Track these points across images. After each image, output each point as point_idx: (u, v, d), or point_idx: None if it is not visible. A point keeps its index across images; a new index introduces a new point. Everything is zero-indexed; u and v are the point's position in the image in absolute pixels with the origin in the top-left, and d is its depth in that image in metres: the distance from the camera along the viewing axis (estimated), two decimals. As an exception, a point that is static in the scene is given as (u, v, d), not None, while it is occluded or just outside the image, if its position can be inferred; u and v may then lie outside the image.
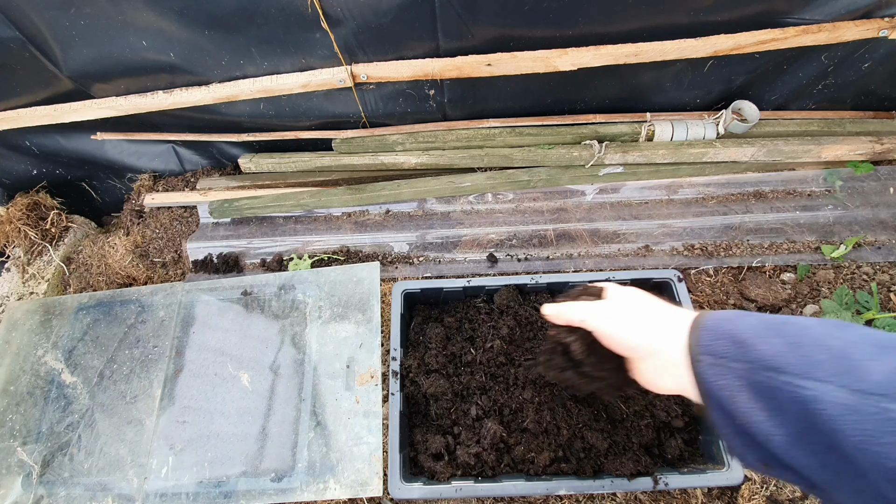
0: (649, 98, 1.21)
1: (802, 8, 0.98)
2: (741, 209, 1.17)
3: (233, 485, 0.91)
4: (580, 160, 1.18)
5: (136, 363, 1.07)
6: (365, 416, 0.94)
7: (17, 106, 1.17)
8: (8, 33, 0.98)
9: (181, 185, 1.40)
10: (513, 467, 0.84)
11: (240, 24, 0.97)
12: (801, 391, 0.42)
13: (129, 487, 0.94)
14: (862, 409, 0.39)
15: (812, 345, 0.45)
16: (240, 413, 0.98)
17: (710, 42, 1.01)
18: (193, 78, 1.11)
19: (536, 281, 0.98)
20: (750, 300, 1.03)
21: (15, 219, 1.31)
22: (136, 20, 0.96)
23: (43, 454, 1.00)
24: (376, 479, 0.88)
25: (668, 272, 0.97)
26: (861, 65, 1.10)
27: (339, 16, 0.95)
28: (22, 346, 1.14)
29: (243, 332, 1.07)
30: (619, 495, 0.88)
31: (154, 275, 1.26)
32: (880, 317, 0.95)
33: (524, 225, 1.19)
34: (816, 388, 0.41)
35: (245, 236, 1.25)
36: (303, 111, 1.20)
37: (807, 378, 0.42)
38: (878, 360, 0.41)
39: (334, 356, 1.01)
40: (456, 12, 0.95)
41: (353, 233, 1.22)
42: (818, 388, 0.41)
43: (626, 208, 1.21)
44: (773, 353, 0.46)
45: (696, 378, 0.51)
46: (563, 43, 1.02)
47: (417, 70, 1.06)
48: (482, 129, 1.22)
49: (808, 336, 0.46)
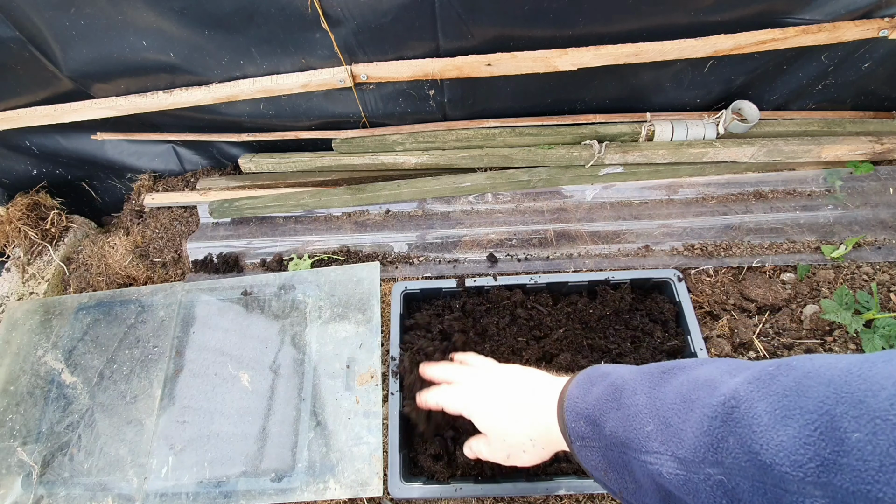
0: (649, 98, 1.21)
1: (802, 8, 0.98)
2: (741, 209, 1.17)
3: (233, 485, 0.91)
4: (580, 160, 1.18)
5: (136, 363, 1.07)
6: (365, 416, 0.94)
7: (17, 106, 1.17)
8: (8, 33, 0.98)
9: (181, 185, 1.40)
10: (513, 467, 0.84)
11: (240, 24, 0.97)
12: (647, 466, 0.42)
13: (129, 487, 0.94)
14: (692, 478, 0.38)
15: (643, 414, 0.44)
16: (240, 413, 0.98)
17: (710, 42, 1.01)
18: (193, 78, 1.11)
19: (536, 281, 0.98)
20: (750, 300, 1.03)
21: (15, 219, 1.31)
22: (136, 20, 0.96)
23: (43, 454, 1.00)
24: (376, 479, 0.88)
25: (667, 272, 0.97)
26: (861, 65, 1.10)
27: (339, 16, 0.95)
28: (22, 346, 1.14)
29: (243, 332, 1.07)
30: (619, 495, 0.88)
31: (154, 275, 1.26)
32: (880, 317, 0.95)
33: (524, 225, 1.19)
34: (656, 461, 0.41)
35: (245, 236, 1.25)
36: (303, 111, 1.20)
37: (645, 452, 0.42)
38: (687, 421, 0.40)
39: (334, 356, 1.01)
40: (456, 12, 0.95)
41: (353, 233, 1.22)
42: (656, 460, 0.41)
43: (626, 208, 1.21)
44: (618, 429, 0.45)
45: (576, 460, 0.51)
46: (563, 43, 1.02)
47: (417, 70, 1.06)
48: (482, 129, 1.22)
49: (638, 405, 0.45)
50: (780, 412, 0.33)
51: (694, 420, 0.39)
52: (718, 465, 0.36)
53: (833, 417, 0.31)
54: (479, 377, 0.69)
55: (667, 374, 0.46)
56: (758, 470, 0.33)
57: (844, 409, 0.31)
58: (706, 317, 1.04)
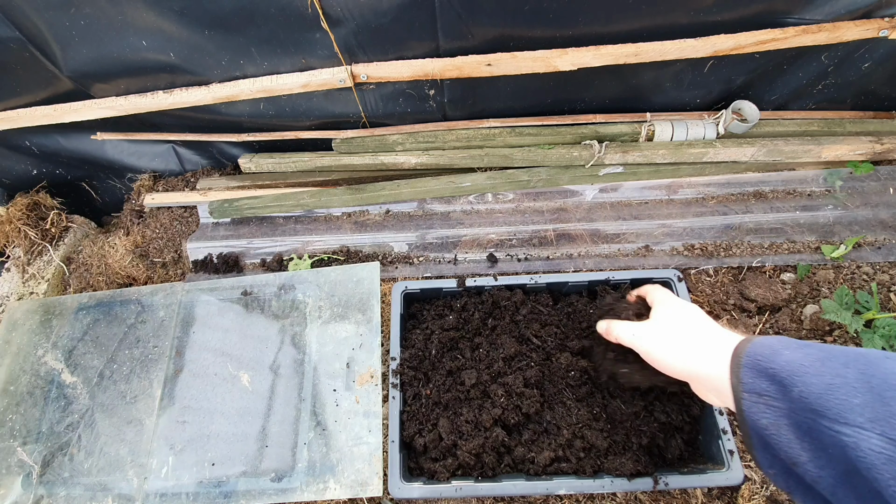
0: (649, 98, 1.21)
1: (802, 8, 0.98)
2: (741, 209, 1.17)
3: (233, 485, 0.91)
4: (580, 160, 1.18)
5: (136, 363, 1.07)
6: (365, 416, 0.94)
7: (17, 106, 1.17)
8: (8, 33, 0.98)
9: (181, 185, 1.40)
10: (513, 467, 0.84)
11: (240, 24, 0.97)
12: (840, 437, 0.41)
13: (129, 487, 0.94)
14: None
15: (849, 386, 0.43)
16: (240, 413, 0.98)
17: (710, 42, 1.01)
18: (193, 78, 1.11)
19: (536, 281, 0.98)
20: (750, 300, 1.03)
21: (15, 219, 1.31)
22: (136, 20, 0.96)
23: (43, 454, 1.00)
24: (376, 479, 0.88)
25: (668, 272, 0.97)
26: (861, 65, 1.10)
27: (339, 16, 0.95)
28: (22, 346, 1.14)
29: (243, 332, 1.07)
30: (619, 495, 0.88)
31: (154, 275, 1.26)
32: (880, 317, 0.95)
33: (524, 225, 1.19)
34: (855, 435, 0.40)
35: (245, 236, 1.25)
36: (303, 111, 1.20)
37: (845, 424, 0.41)
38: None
39: (334, 356, 1.01)
40: (456, 12, 0.95)
41: (353, 233, 1.22)
42: (857, 434, 0.40)
43: (626, 208, 1.21)
44: (812, 395, 0.44)
45: (739, 416, 0.50)
46: (563, 43, 1.02)
47: (417, 70, 1.06)
48: (482, 129, 1.22)
49: (846, 376, 0.44)
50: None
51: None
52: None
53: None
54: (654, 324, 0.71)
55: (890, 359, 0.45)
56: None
57: None
58: (706, 317, 1.04)
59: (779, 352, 0.50)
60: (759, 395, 0.49)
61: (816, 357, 0.47)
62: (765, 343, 0.52)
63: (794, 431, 0.46)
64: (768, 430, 0.47)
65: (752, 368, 0.51)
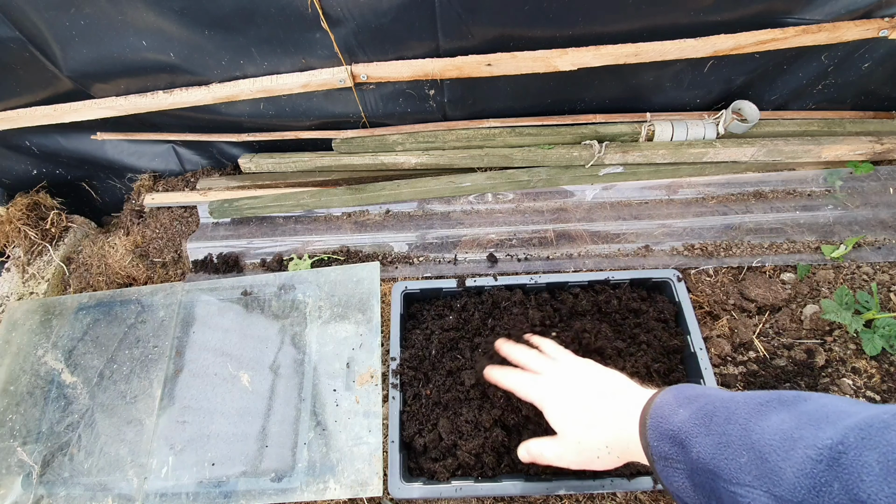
0: (649, 98, 1.21)
1: (802, 8, 0.98)
2: (741, 209, 1.17)
3: (233, 485, 0.91)
4: (580, 160, 1.18)
5: (136, 363, 1.07)
6: (365, 416, 0.94)
7: (17, 106, 1.17)
8: (8, 33, 0.98)
9: (181, 185, 1.40)
10: (512, 467, 0.84)
11: (240, 24, 0.97)
12: (738, 498, 0.41)
13: (129, 487, 0.94)
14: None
15: (735, 445, 0.43)
16: (240, 413, 0.98)
17: (710, 42, 1.01)
18: (193, 78, 1.11)
19: (536, 281, 0.98)
20: (750, 300, 1.03)
21: (15, 219, 1.31)
22: (136, 20, 0.96)
23: (43, 454, 1.00)
24: (376, 479, 0.88)
25: (667, 272, 0.97)
26: (861, 65, 1.10)
27: (339, 16, 0.95)
28: (22, 346, 1.14)
29: (243, 332, 1.07)
30: (619, 495, 0.88)
31: (154, 275, 1.26)
32: (880, 317, 0.95)
33: (524, 225, 1.19)
34: (748, 495, 0.40)
35: (245, 236, 1.25)
36: (303, 111, 1.20)
37: (737, 484, 0.41)
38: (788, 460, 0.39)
39: (334, 356, 1.01)
40: (456, 12, 0.95)
41: (353, 233, 1.22)
42: (749, 494, 0.40)
43: (626, 208, 1.21)
44: (707, 455, 0.45)
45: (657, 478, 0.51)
46: (563, 43, 1.02)
47: (417, 70, 1.06)
48: (482, 129, 1.22)
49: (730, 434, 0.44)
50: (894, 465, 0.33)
51: (795, 460, 0.38)
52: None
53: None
54: (561, 371, 0.69)
55: (765, 407, 0.45)
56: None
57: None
58: (706, 317, 1.04)
59: (675, 411, 0.50)
60: (665, 458, 0.49)
61: (705, 413, 0.47)
62: (664, 402, 0.52)
63: (699, 493, 0.46)
64: (681, 492, 0.48)
65: (654, 430, 0.51)
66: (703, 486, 0.45)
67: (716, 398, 0.49)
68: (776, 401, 0.45)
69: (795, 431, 0.40)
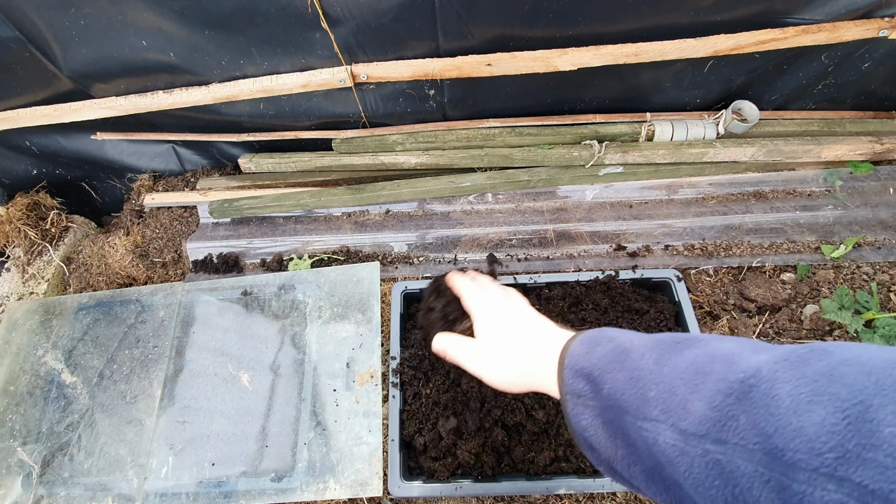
0: (649, 98, 1.21)
1: (802, 8, 0.98)
2: (741, 209, 1.17)
3: (233, 485, 0.91)
4: (580, 160, 1.18)
5: (136, 363, 1.07)
6: (365, 416, 0.94)
7: (17, 106, 1.17)
8: (8, 33, 0.98)
9: (181, 185, 1.40)
10: (512, 467, 0.84)
11: (240, 24, 0.97)
12: (642, 432, 0.40)
13: (129, 487, 0.94)
14: (689, 451, 0.36)
15: (646, 379, 0.42)
16: (240, 413, 0.98)
17: (710, 42, 1.01)
18: (193, 78, 1.11)
19: (536, 281, 0.98)
20: (750, 300, 1.03)
21: (15, 219, 1.31)
22: (136, 20, 0.96)
23: (43, 454, 1.00)
24: (376, 478, 0.88)
25: (667, 272, 0.97)
26: (861, 65, 1.10)
27: (339, 16, 0.95)
28: (22, 346, 1.14)
29: (243, 332, 1.07)
30: (619, 495, 0.88)
31: (154, 275, 1.26)
32: (880, 317, 0.95)
33: (524, 225, 1.19)
34: (653, 429, 0.39)
35: (245, 236, 1.25)
36: (303, 111, 1.20)
37: (644, 419, 0.40)
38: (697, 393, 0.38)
39: (334, 356, 1.01)
40: (456, 12, 0.95)
41: (353, 233, 1.22)
42: (654, 428, 0.39)
43: (626, 208, 1.21)
44: (617, 391, 0.43)
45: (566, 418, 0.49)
46: (563, 43, 1.02)
47: (417, 70, 1.06)
48: (482, 129, 1.22)
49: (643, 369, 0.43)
50: (807, 396, 0.31)
51: (705, 392, 0.37)
52: (721, 444, 0.34)
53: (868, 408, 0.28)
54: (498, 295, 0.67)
55: (681, 344, 0.43)
56: (766, 454, 0.31)
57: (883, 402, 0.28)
58: (706, 317, 1.04)
59: (593, 349, 0.49)
60: (577, 395, 0.48)
61: (621, 350, 0.46)
62: (583, 340, 0.51)
63: (607, 430, 0.45)
64: (587, 431, 0.46)
65: (571, 369, 0.49)
66: (612, 423, 0.44)
67: (633, 337, 0.48)
68: (693, 339, 0.44)
69: (708, 366, 0.39)
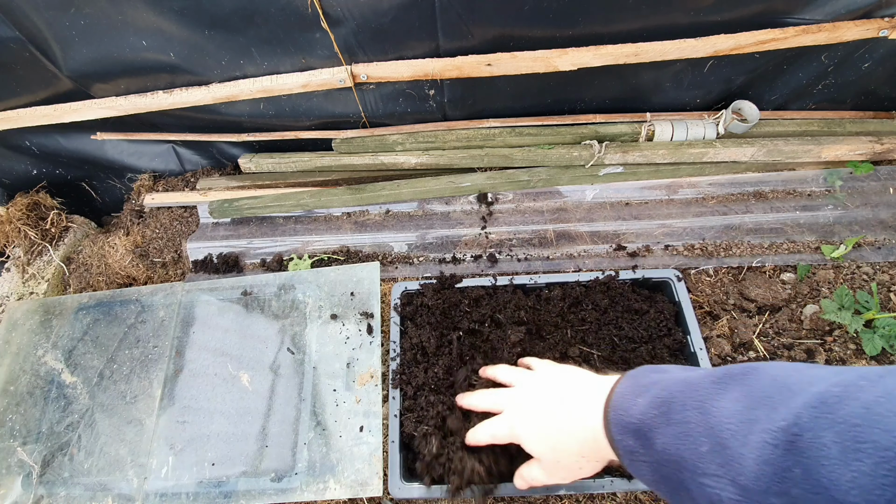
0: (649, 98, 1.21)
1: (802, 8, 0.98)
2: (741, 209, 1.17)
3: (233, 485, 0.91)
4: (580, 160, 1.18)
5: (136, 363, 1.07)
6: (365, 416, 0.94)
7: (17, 106, 1.17)
8: (8, 33, 0.98)
9: (181, 185, 1.40)
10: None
11: (240, 25, 0.97)
12: (706, 488, 0.39)
13: (129, 487, 0.94)
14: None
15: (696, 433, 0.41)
16: (240, 413, 0.98)
17: (710, 42, 1.01)
18: (193, 78, 1.11)
19: (536, 281, 0.98)
20: (750, 300, 1.03)
21: (15, 219, 1.31)
22: (136, 20, 0.96)
23: (43, 454, 1.00)
24: (376, 478, 0.88)
25: (667, 272, 0.97)
26: (861, 65, 1.10)
27: (339, 16, 0.95)
28: (22, 346, 1.14)
29: (243, 332, 1.07)
30: (619, 495, 0.88)
31: (154, 275, 1.26)
32: (880, 317, 0.95)
33: (524, 225, 1.19)
34: (714, 485, 0.39)
35: (245, 236, 1.25)
36: (303, 111, 1.20)
37: (703, 474, 0.40)
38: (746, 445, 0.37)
39: (334, 356, 1.01)
40: (456, 12, 0.95)
41: (353, 233, 1.22)
42: (714, 484, 0.39)
43: (626, 208, 1.21)
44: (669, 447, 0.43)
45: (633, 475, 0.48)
46: (563, 43, 1.02)
47: (417, 70, 1.06)
48: (482, 129, 1.22)
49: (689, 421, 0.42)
50: (851, 444, 0.31)
51: (754, 445, 0.36)
52: (784, 496, 0.34)
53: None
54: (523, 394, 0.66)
55: (719, 384, 0.42)
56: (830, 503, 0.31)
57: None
58: (706, 317, 1.04)
59: (634, 402, 0.47)
60: (631, 453, 0.46)
61: (662, 400, 0.45)
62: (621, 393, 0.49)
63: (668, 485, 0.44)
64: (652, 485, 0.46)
65: (617, 425, 0.48)
66: (671, 479, 0.43)
67: (671, 382, 0.47)
68: (728, 377, 0.43)
69: (751, 412, 0.38)
